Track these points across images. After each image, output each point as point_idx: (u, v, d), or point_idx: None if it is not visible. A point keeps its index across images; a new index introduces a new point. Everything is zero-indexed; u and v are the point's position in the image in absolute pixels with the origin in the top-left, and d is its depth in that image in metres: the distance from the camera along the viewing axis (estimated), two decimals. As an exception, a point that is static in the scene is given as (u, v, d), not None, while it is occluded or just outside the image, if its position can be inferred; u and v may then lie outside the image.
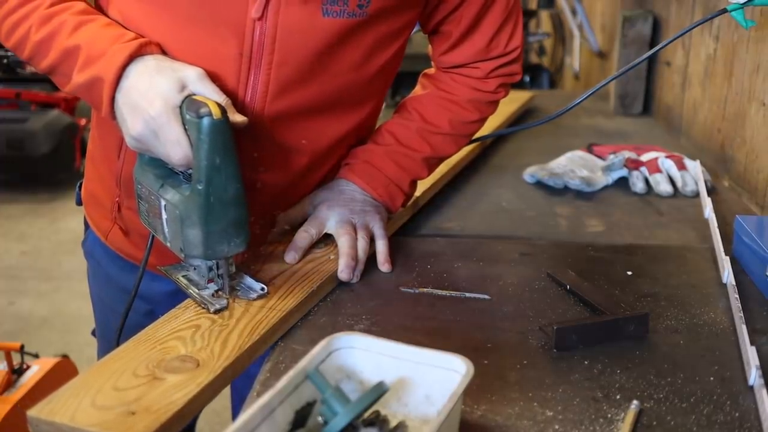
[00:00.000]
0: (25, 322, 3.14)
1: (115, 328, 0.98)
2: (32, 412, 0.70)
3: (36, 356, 2.34)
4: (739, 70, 1.51)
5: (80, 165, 4.72)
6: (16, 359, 2.25)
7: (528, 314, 0.97)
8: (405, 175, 1.13)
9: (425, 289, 1.03)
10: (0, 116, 4.51)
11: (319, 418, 0.67)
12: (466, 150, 1.53)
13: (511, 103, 2.05)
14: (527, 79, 4.09)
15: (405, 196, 1.15)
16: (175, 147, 0.82)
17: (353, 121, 1.06)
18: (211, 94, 0.84)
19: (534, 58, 4.86)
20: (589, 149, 1.62)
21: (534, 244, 1.19)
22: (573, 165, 1.52)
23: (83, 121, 4.74)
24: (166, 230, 0.89)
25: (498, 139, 1.80)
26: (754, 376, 0.80)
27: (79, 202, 1.22)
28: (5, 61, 4.91)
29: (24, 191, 4.70)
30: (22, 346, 2.21)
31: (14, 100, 4.65)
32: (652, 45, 2.13)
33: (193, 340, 0.82)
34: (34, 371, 2.25)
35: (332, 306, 0.99)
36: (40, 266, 3.62)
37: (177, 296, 0.95)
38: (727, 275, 1.03)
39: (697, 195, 1.41)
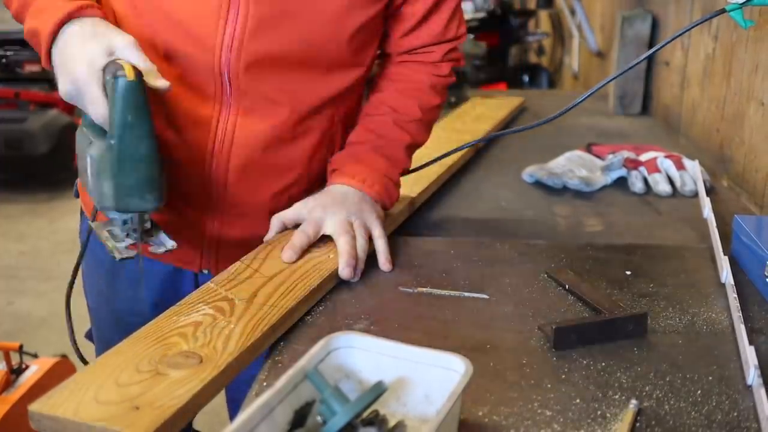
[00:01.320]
0: (24, 322, 3.14)
1: (111, 324, 0.99)
2: (34, 407, 0.69)
3: (35, 356, 2.34)
4: (737, 70, 1.51)
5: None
6: (15, 359, 2.25)
7: (527, 314, 0.97)
8: (394, 168, 1.15)
9: (424, 289, 1.04)
10: (-1, 116, 4.52)
11: (318, 418, 0.67)
12: (462, 151, 1.53)
13: (500, 109, 2.06)
14: (526, 78, 4.09)
15: (398, 188, 1.16)
16: (95, 105, 0.89)
17: (333, 88, 1.09)
18: (135, 60, 0.89)
19: (533, 58, 4.86)
20: (588, 149, 1.62)
21: (533, 244, 1.19)
22: (572, 165, 1.52)
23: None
24: (90, 183, 0.94)
25: (497, 139, 1.80)
26: (752, 376, 0.80)
27: (77, 194, 1.25)
28: (4, 60, 4.91)
29: (23, 191, 4.70)
30: (21, 346, 2.21)
31: (13, 99, 4.65)
32: (651, 45, 2.13)
33: (195, 336, 0.83)
34: (33, 371, 2.25)
35: (331, 306, 0.99)
36: (38, 266, 3.61)
37: (168, 278, 1.08)
38: (726, 275, 1.03)
39: (695, 195, 1.41)
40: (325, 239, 1.07)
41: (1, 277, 3.51)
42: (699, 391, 0.80)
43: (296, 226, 1.08)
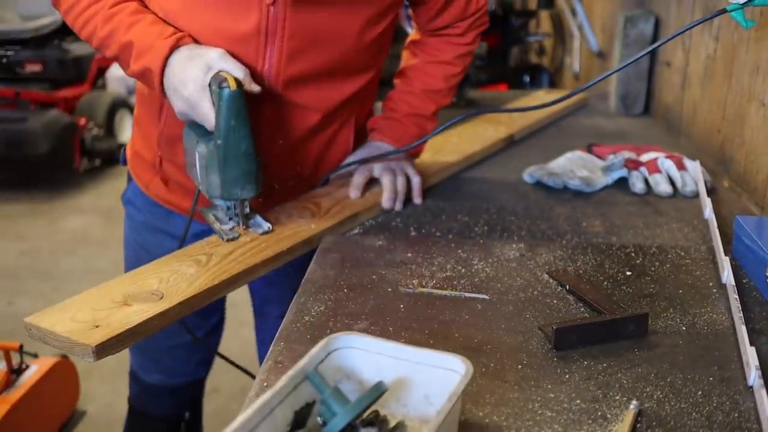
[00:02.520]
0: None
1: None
2: (29, 319, 0.91)
3: (35, 356, 2.34)
4: (738, 71, 1.51)
5: (80, 164, 4.72)
6: (16, 359, 2.25)
7: (527, 314, 0.97)
8: (422, 131, 1.39)
9: (425, 289, 1.03)
10: (-1, 116, 4.51)
11: (319, 419, 0.67)
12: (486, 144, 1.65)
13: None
14: (527, 79, 4.08)
15: (423, 144, 1.43)
16: (206, 116, 1.07)
17: (355, 86, 1.26)
18: (231, 69, 1.07)
19: (534, 59, 4.86)
20: (589, 149, 1.62)
21: (534, 244, 1.19)
22: (572, 165, 1.52)
23: (82, 121, 4.74)
24: (198, 177, 1.13)
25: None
26: (753, 377, 0.80)
27: (124, 162, 1.44)
28: (4, 60, 4.91)
29: (23, 191, 4.69)
30: (21, 346, 2.21)
31: (13, 99, 4.64)
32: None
33: (168, 280, 1.01)
34: (34, 371, 2.25)
35: (332, 306, 0.99)
36: (39, 266, 3.61)
37: (202, 236, 1.17)
38: (727, 275, 1.03)
39: (696, 195, 1.41)
40: (308, 215, 1.24)
41: (1, 277, 3.51)
42: (700, 392, 0.80)
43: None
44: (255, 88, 1.08)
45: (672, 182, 1.45)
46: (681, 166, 1.47)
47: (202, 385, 1.70)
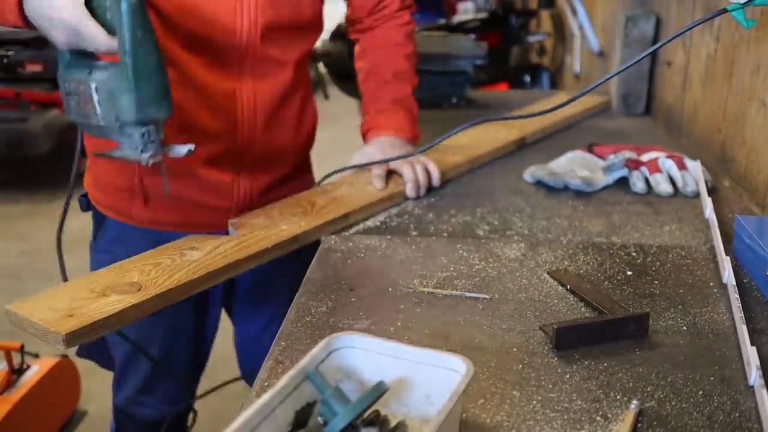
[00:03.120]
0: (25, 322, 3.13)
1: None
2: (10, 305, 0.94)
3: (36, 356, 2.34)
4: (739, 70, 1.51)
5: (81, 165, 4.71)
6: (17, 359, 2.25)
7: (528, 314, 0.97)
8: (411, 113, 1.50)
9: (425, 289, 1.03)
10: (0, 116, 4.51)
11: (319, 419, 0.67)
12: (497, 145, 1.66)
13: (570, 108, 2.02)
14: (527, 79, 4.08)
15: (418, 125, 1.51)
16: (97, 38, 0.98)
17: (310, 43, 1.36)
18: None
19: (534, 58, 4.85)
20: (590, 149, 1.62)
21: (534, 244, 1.19)
22: (573, 165, 1.52)
23: (83, 121, 4.74)
24: (98, 111, 1.03)
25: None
26: (754, 377, 0.80)
27: (87, 208, 1.39)
28: (5, 60, 4.91)
29: (24, 191, 4.69)
30: (22, 346, 2.21)
31: (14, 99, 4.64)
32: (654, 45, 2.13)
33: (149, 272, 1.03)
34: (35, 371, 2.25)
35: (332, 305, 0.99)
36: (39, 266, 3.61)
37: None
38: (728, 275, 1.03)
39: (697, 195, 1.41)
40: (300, 212, 1.25)
41: (2, 276, 3.51)
42: (700, 392, 0.80)
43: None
44: None
45: (673, 182, 1.45)
46: (682, 166, 1.47)
47: (184, 418, 1.62)
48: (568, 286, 1.02)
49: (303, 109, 1.39)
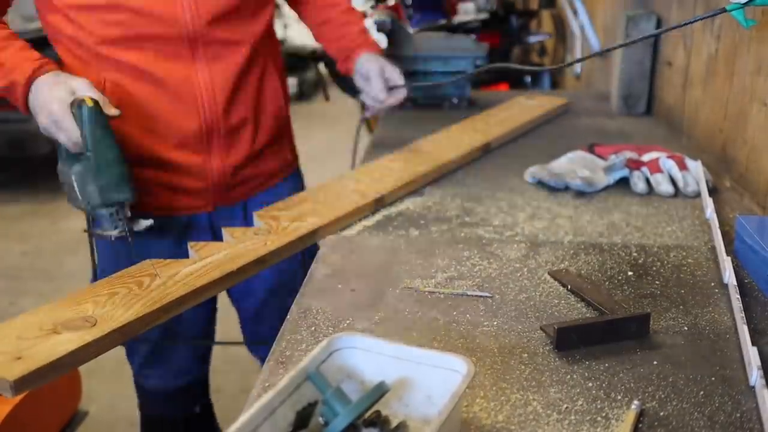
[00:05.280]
0: (27, 323, 3.13)
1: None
2: None
3: (37, 356, 2.34)
4: (740, 70, 1.51)
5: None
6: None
7: (529, 314, 0.97)
8: (366, 33, 1.66)
9: (426, 289, 1.04)
10: (1, 117, 4.50)
11: (320, 419, 0.67)
12: (466, 150, 1.59)
13: (533, 111, 2.04)
14: (528, 79, 4.08)
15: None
16: (68, 132, 1.18)
17: (264, 21, 1.44)
18: (90, 94, 1.18)
19: (535, 59, 4.85)
20: (591, 149, 1.62)
21: (535, 244, 1.19)
22: (574, 165, 1.52)
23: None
24: (79, 197, 1.23)
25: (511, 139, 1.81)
26: (755, 377, 0.80)
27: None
28: (6, 61, 4.91)
29: (25, 192, 4.70)
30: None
31: (16, 100, 4.65)
32: (655, 45, 2.12)
33: (104, 304, 0.94)
34: (36, 371, 2.25)
35: (333, 306, 0.99)
36: (41, 266, 3.62)
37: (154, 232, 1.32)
38: (729, 275, 1.03)
39: (698, 195, 1.41)
40: (264, 230, 1.19)
41: (3, 277, 3.51)
42: (701, 392, 0.80)
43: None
44: (113, 111, 1.20)
45: (673, 182, 1.45)
46: (682, 166, 1.47)
47: (203, 384, 1.71)
48: (569, 287, 1.02)
49: (263, 84, 1.46)
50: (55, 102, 1.18)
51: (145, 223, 1.27)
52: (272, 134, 1.50)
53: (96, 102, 1.17)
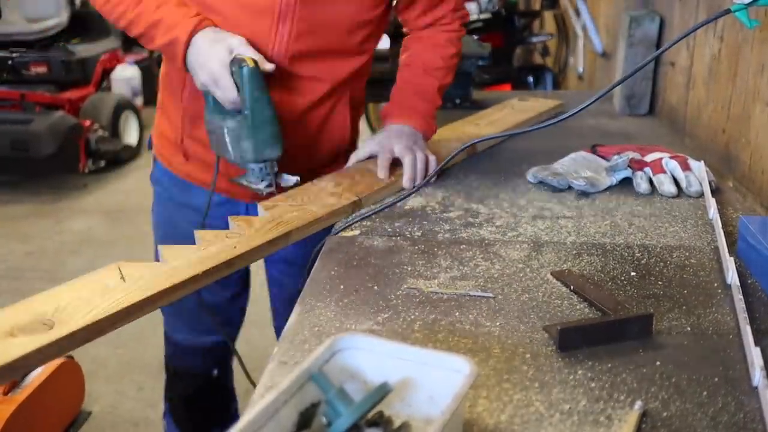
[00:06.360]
0: (30, 323, 3.13)
1: (175, 242, 1.13)
2: None
3: (40, 357, 2.34)
4: (743, 71, 1.51)
5: (84, 166, 4.73)
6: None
7: (532, 315, 0.97)
8: (430, 106, 1.53)
9: (429, 289, 1.04)
10: (4, 117, 4.51)
11: (323, 419, 0.67)
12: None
13: (526, 112, 2.03)
14: (530, 79, 4.08)
15: (435, 121, 1.55)
16: (227, 91, 1.25)
17: (353, 66, 1.43)
18: (248, 54, 1.24)
19: (537, 59, 4.85)
20: (593, 150, 1.61)
21: (538, 245, 1.19)
22: (577, 165, 1.52)
23: (87, 123, 4.75)
24: (230, 149, 1.30)
25: (502, 140, 1.80)
26: (758, 377, 0.80)
27: (150, 146, 1.61)
28: (10, 62, 4.92)
29: (28, 192, 4.70)
30: (27, 347, 2.21)
31: (19, 101, 4.65)
32: (658, 45, 2.12)
33: (67, 306, 0.91)
34: (39, 372, 2.25)
35: (334, 306, 0.99)
36: (44, 267, 3.62)
37: (223, 206, 1.44)
38: (732, 276, 1.03)
39: (701, 195, 1.41)
40: (236, 233, 1.15)
41: (6, 277, 3.52)
42: (705, 393, 0.80)
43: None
44: (268, 66, 1.26)
45: (676, 182, 1.45)
46: (685, 167, 1.47)
47: (228, 347, 1.73)
48: (572, 287, 1.02)
49: (330, 117, 1.46)
50: (215, 61, 1.23)
51: (292, 179, 1.33)
52: (328, 161, 1.51)
53: (255, 62, 1.22)
